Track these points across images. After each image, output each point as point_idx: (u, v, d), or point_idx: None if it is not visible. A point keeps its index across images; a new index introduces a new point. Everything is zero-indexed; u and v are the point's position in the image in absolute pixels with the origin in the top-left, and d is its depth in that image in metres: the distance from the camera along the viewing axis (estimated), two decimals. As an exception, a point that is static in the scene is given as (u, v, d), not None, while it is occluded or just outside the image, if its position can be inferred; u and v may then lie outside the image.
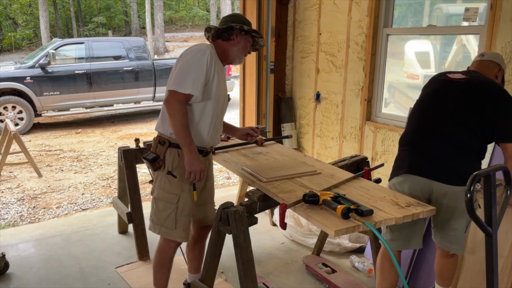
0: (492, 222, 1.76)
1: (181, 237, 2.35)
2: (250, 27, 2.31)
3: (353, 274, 3.09)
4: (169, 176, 2.26)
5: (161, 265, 2.44)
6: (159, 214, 2.32)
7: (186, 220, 2.34)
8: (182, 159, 2.23)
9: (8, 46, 22.61)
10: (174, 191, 2.28)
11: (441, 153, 2.19)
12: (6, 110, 8.08)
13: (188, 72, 2.13)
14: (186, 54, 2.20)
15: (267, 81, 4.39)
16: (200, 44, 2.24)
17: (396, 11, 3.60)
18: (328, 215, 1.83)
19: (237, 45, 2.30)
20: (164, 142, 2.25)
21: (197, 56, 2.15)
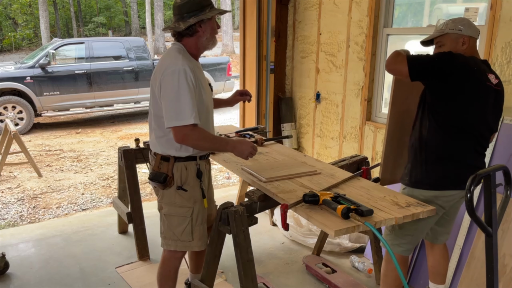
0: (492, 222, 1.76)
1: (199, 246, 2.31)
2: (209, 9, 2.09)
3: (353, 274, 3.09)
4: (179, 191, 2.20)
5: (166, 277, 2.38)
6: (174, 229, 2.25)
7: (201, 228, 2.30)
8: (190, 172, 2.20)
9: (8, 46, 22.62)
10: (186, 205, 2.23)
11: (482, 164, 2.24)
12: (6, 110, 8.08)
13: (180, 102, 2.00)
14: (165, 79, 2.02)
15: (267, 81, 4.39)
16: (173, 58, 2.07)
17: (396, 11, 3.60)
18: (328, 215, 1.83)
19: (205, 35, 2.14)
20: (168, 158, 2.18)
21: (181, 80, 2.00)
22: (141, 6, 26.55)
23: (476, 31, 2.21)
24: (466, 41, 2.16)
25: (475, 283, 2.53)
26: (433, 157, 2.15)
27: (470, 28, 2.17)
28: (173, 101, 2.01)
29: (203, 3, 2.10)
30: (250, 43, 4.41)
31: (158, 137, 2.19)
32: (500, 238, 2.43)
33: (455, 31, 2.16)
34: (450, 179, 2.16)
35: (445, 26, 2.20)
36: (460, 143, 2.12)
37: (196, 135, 2.05)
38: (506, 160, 2.54)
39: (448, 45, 2.19)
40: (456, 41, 2.17)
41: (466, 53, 2.15)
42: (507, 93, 2.68)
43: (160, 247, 2.41)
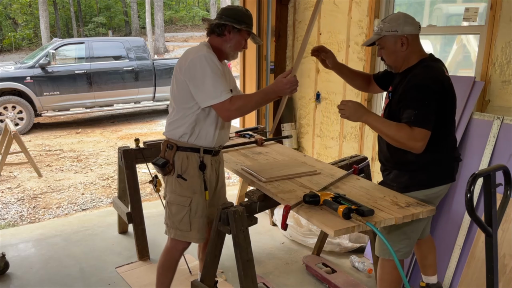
0: (492, 222, 1.76)
1: (197, 238, 2.35)
2: (244, 25, 2.23)
3: (353, 274, 3.09)
4: (179, 179, 2.27)
5: (166, 267, 2.43)
6: (173, 217, 2.32)
7: (200, 221, 2.34)
8: (191, 162, 2.26)
9: (8, 46, 22.62)
10: (185, 194, 2.28)
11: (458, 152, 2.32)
12: (6, 110, 8.08)
13: (212, 81, 2.10)
14: (193, 65, 2.12)
15: (267, 81, 4.39)
16: (198, 48, 2.20)
17: (396, 11, 3.60)
18: (328, 215, 1.83)
19: (230, 42, 2.25)
20: (172, 146, 2.26)
21: (208, 62, 2.11)
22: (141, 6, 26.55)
23: (416, 26, 2.13)
24: (405, 41, 2.11)
25: (475, 283, 2.53)
26: (419, 163, 2.15)
27: (407, 25, 2.10)
28: (205, 82, 2.10)
29: (244, 19, 2.24)
30: (250, 43, 4.40)
31: (172, 119, 2.28)
32: (500, 238, 2.44)
33: (391, 32, 2.11)
34: (437, 177, 2.20)
35: (381, 28, 2.15)
36: (443, 144, 2.16)
37: (237, 104, 2.13)
38: (506, 160, 2.54)
39: (388, 47, 2.15)
40: (394, 43, 2.13)
41: (410, 54, 2.12)
42: (507, 93, 2.69)
43: (160, 247, 2.42)
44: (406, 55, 2.15)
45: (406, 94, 2.06)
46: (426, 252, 2.54)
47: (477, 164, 2.68)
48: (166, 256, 2.42)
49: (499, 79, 2.72)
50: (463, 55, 3.84)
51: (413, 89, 2.04)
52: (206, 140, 2.27)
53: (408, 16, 2.15)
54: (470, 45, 3.72)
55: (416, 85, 2.04)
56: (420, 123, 1.98)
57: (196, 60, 2.12)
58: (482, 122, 2.71)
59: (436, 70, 2.11)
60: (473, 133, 2.75)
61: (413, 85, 2.04)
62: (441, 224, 2.82)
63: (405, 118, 2.02)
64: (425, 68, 2.10)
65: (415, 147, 2.01)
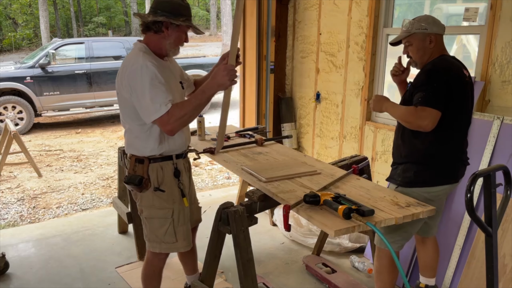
0: (492, 222, 1.76)
1: (184, 246, 2.30)
2: (182, 19, 2.07)
3: (353, 274, 3.09)
4: (157, 192, 2.16)
5: (150, 277, 2.36)
6: (156, 232, 2.22)
7: (184, 228, 2.28)
8: (166, 171, 2.18)
9: (8, 46, 22.62)
10: (166, 206, 2.19)
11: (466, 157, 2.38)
12: (6, 110, 8.08)
13: (146, 97, 1.97)
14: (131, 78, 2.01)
15: (267, 81, 4.39)
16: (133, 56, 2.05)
17: (396, 11, 3.60)
18: (328, 215, 1.83)
19: (169, 39, 2.10)
20: (142, 160, 2.13)
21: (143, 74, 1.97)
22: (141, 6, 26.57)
23: (442, 28, 2.28)
24: (433, 39, 2.24)
25: (475, 283, 2.53)
26: (426, 158, 2.24)
27: (435, 26, 2.24)
28: (144, 96, 1.98)
29: (181, 11, 2.08)
30: (250, 43, 4.41)
31: (133, 138, 2.16)
32: (500, 238, 2.44)
33: (421, 30, 2.23)
34: (442, 175, 2.26)
35: (411, 26, 2.26)
36: (451, 143, 2.23)
37: (176, 114, 1.98)
38: (506, 160, 2.54)
39: (416, 44, 2.26)
40: (423, 40, 2.25)
41: (435, 51, 2.25)
42: (507, 93, 2.69)
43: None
44: (432, 52, 2.26)
45: (417, 80, 2.20)
46: (430, 254, 2.54)
47: (477, 164, 2.68)
48: (150, 267, 2.34)
49: (499, 79, 2.72)
50: (463, 55, 3.83)
51: (424, 74, 2.18)
52: (176, 144, 2.20)
53: (435, 18, 2.29)
54: (470, 45, 3.71)
55: (427, 70, 2.18)
56: (426, 103, 2.08)
57: (132, 74, 2.00)
58: (482, 122, 2.71)
59: (451, 63, 2.23)
60: (473, 133, 2.75)
61: (425, 70, 2.18)
62: (441, 224, 2.82)
63: (415, 100, 2.14)
64: (441, 60, 2.23)
65: (422, 124, 2.09)
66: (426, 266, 2.57)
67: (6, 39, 22.85)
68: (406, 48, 2.31)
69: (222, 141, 2.44)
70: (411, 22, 2.26)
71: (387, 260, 2.35)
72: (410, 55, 2.32)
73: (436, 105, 2.08)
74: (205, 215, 3.98)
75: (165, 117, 1.97)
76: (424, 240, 2.53)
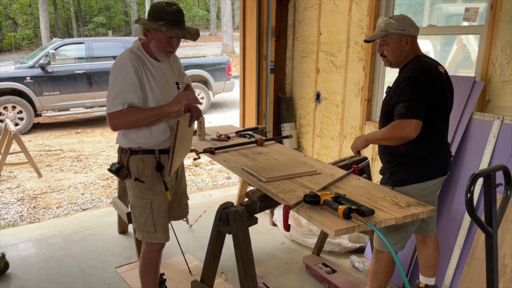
0: (492, 222, 1.76)
1: (163, 238, 2.36)
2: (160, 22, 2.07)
3: (353, 274, 3.09)
4: (137, 182, 2.26)
5: (147, 270, 2.42)
6: (137, 220, 2.33)
7: (164, 221, 2.36)
8: (147, 164, 2.26)
9: (8, 46, 22.61)
10: (145, 196, 2.28)
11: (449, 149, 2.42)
12: (6, 110, 8.08)
13: (115, 89, 2.10)
14: (112, 71, 2.16)
15: (267, 81, 4.39)
16: (123, 54, 2.19)
17: (396, 11, 3.60)
18: (328, 215, 1.83)
19: (152, 41, 2.17)
20: (126, 151, 2.26)
21: (120, 71, 2.11)
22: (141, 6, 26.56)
23: (417, 30, 2.30)
24: (409, 41, 2.26)
25: (475, 283, 2.53)
26: (413, 156, 2.27)
27: (412, 27, 2.26)
28: (110, 90, 2.12)
29: (160, 16, 2.10)
30: (250, 43, 4.41)
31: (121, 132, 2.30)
32: (500, 238, 2.44)
33: (399, 31, 2.24)
34: (431, 170, 2.29)
35: (388, 25, 2.26)
36: (435, 139, 2.26)
37: (125, 116, 2.10)
38: (506, 160, 2.54)
39: (392, 44, 2.27)
40: (400, 41, 2.26)
41: (410, 53, 2.26)
42: (507, 93, 2.69)
43: (159, 247, 2.40)
44: (407, 53, 2.28)
45: (398, 88, 2.19)
46: (430, 253, 2.55)
47: (477, 164, 2.68)
48: (145, 259, 2.42)
49: (499, 79, 2.72)
50: (463, 55, 3.84)
51: (404, 83, 2.18)
52: (157, 141, 2.26)
53: (412, 20, 2.30)
54: (470, 45, 3.72)
55: (406, 78, 2.18)
56: (409, 114, 2.10)
57: (114, 67, 2.15)
58: (482, 122, 2.71)
59: (428, 65, 2.24)
60: (473, 133, 2.75)
61: (404, 78, 2.18)
62: (441, 224, 2.82)
63: (397, 112, 2.14)
64: (416, 63, 2.24)
65: (408, 136, 2.11)
66: (426, 265, 2.58)
67: (6, 39, 22.84)
68: (381, 47, 2.32)
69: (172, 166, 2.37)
70: (388, 22, 2.26)
71: (386, 261, 2.36)
72: (384, 54, 2.32)
73: (418, 115, 2.10)
74: (205, 215, 4.00)
75: (115, 113, 2.11)
76: (425, 239, 2.54)
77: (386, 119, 2.29)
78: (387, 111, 2.29)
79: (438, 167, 2.33)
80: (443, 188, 2.80)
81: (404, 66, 2.29)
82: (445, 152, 2.36)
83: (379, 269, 2.39)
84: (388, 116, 2.26)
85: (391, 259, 2.35)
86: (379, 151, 2.47)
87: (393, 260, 2.37)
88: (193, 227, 3.86)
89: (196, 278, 2.51)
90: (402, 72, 2.25)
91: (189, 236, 3.72)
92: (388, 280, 2.43)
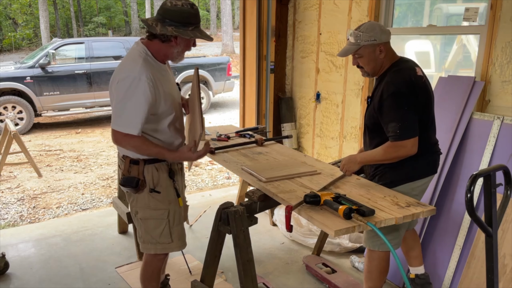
0: (492, 222, 1.76)
1: (179, 246, 2.29)
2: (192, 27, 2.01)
3: (353, 274, 3.09)
4: (152, 193, 2.15)
5: (149, 278, 2.34)
6: (152, 233, 2.21)
7: (179, 228, 2.28)
8: (161, 172, 2.18)
9: (8, 46, 22.61)
10: (162, 207, 2.18)
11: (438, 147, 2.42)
12: (6, 110, 8.08)
13: (124, 108, 1.98)
14: (121, 82, 1.98)
15: (267, 81, 4.39)
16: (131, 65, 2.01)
17: (396, 11, 3.60)
18: (329, 215, 1.83)
19: (177, 48, 2.07)
20: (137, 161, 2.12)
21: (132, 87, 1.95)
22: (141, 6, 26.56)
23: (389, 34, 2.26)
24: (383, 49, 2.23)
25: (475, 283, 2.53)
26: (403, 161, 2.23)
27: (383, 34, 2.22)
28: (121, 106, 1.99)
29: (191, 20, 2.01)
30: (250, 43, 4.41)
31: None
32: (500, 238, 2.44)
33: (370, 41, 2.21)
34: (421, 169, 2.31)
35: (359, 38, 2.22)
36: (424, 139, 2.24)
37: (133, 144, 2.04)
38: (506, 160, 2.54)
39: (366, 56, 2.25)
40: (373, 51, 2.23)
41: (386, 60, 2.24)
42: (507, 93, 2.69)
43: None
44: (383, 62, 2.26)
45: (384, 105, 2.16)
46: (412, 244, 2.61)
47: (477, 164, 2.68)
48: (148, 268, 2.33)
49: (499, 79, 2.72)
50: (463, 55, 3.84)
51: (390, 99, 2.14)
52: (172, 147, 2.20)
53: (381, 25, 2.28)
54: (470, 45, 3.72)
55: (391, 94, 2.14)
56: (406, 135, 2.11)
57: (126, 82, 1.97)
58: (482, 122, 2.71)
59: (407, 72, 2.20)
60: (473, 133, 2.75)
61: (389, 95, 2.14)
62: (441, 224, 2.82)
63: (391, 133, 2.13)
64: (396, 73, 2.20)
65: (410, 154, 2.14)
66: (411, 256, 2.64)
67: (6, 39, 22.84)
68: (356, 59, 2.29)
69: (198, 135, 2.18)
70: (358, 34, 2.22)
71: (378, 261, 2.38)
72: (361, 65, 2.30)
73: (415, 132, 2.12)
74: (205, 215, 3.99)
75: (128, 137, 2.02)
76: (405, 233, 2.58)
77: (374, 133, 2.30)
78: (373, 123, 2.28)
79: (428, 166, 2.34)
80: (443, 188, 2.80)
81: (382, 76, 2.25)
82: (435, 150, 2.36)
83: (372, 268, 2.41)
84: (376, 129, 2.26)
85: (383, 258, 2.37)
86: None
87: (386, 259, 2.39)
88: (193, 227, 3.86)
89: (196, 278, 2.51)
90: (382, 84, 2.20)
91: (189, 236, 3.68)
92: (383, 279, 2.44)
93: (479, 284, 2.51)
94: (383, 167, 2.32)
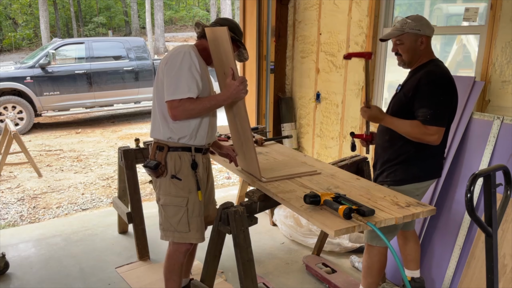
0: (492, 222, 1.76)
1: (196, 238, 2.33)
2: (236, 35, 2.23)
3: (353, 274, 3.09)
4: (173, 180, 2.24)
5: (171, 271, 2.40)
6: (170, 220, 2.29)
7: (198, 220, 2.32)
8: (184, 161, 2.25)
9: (8, 46, 22.61)
10: (181, 194, 2.26)
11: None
12: (6, 110, 8.08)
13: (180, 77, 2.10)
14: (171, 59, 2.14)
15: (267, 81, 4.39)
16: (181, 46, 2.20)
17: (396, 11, 3.60)
18: (329, 215, 1.83)
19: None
20: (163, 147, 2.23)
21: (184, 59, 2.11)
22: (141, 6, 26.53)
23: (432, 30, 2.31)
24: (424, 41, 2.27)
25: (475, 283, 2.53)
26: (418, 155, 2.30)
27: (428, 28, 2.27)
28: (174, 77, 2.11)
29: (236, 30, 2.27)
30: (250, 43, 4.41)
31: (156, 120, 2.27)
32: (500, 238, 2.44)
33: (414, 30, 2.25)
34: (430, 171, 2.34)
35: (404, 25, 2.27)
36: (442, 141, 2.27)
37: (187, 112, 2.12)
38: (506, 160, 2.54)
39: (407, 44, 2.28)
40: (415, 40, 2.27)
41: (424, 54, 2.28)
42: (507, 93, 2.69)
43: (160, 247, 2.40)
44: (421, 54, 2.29)
45: (421, 90, 2.19)
46: (412, 246, 2.62)
47: (477, 164, 2.68)
48: (170, 261, 2.39)
49: (499, 79, 2.72)
50: (463, 55, 3.84)
51: (428, 86, 2.18)
52: (199, 139, 2.27)
53: (428, 20, 2.31)
54: (470, 45, 3.72)
55: (431, 81, 2.18)
56: (435, 122, 2.14)
57: (178, 55, 2.13)
58: (482, 122, 2.71)
59: (448, 71, 2.27)
60: (473, 133, 2.75)
61: (429, 81, 2.18)
62: (441, 224, 2.82)
63: (421, 116, 2.17)
64: (437, 66, 2.26)
65: (430, 140, 2.18)
66: (409, 259, 2.63)
67: (6, 39, 22.83)
68: (396, 46, 2.33)
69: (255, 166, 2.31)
70: (404, 21, 2.27)
71: (378, 257, 2.41)
72: (399, 52, 2.33)
73: (443, 122, 2.16)
74: (205, 215, 4.00)
75: (177, 102, 2.09)
76: (406, 234, 2.60)
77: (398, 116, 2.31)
78: (400, 108, 2.29)
79: (436, 168, 2.38)
80: (443, 188, 2.80)
81: (419, 68, 2.28)
82: (443, 154, 2.40)
83: (372, 264, 2.44)
84: (401, 113, 2.27)
85: (383, 253, 2.41)
86: (380, 148, 2.47)
87: (385, 254, 2.43)
88: (193, 227, 3.86)
89: (196, 278, 2.52)
90: (421, 73, 2.23)
91: (189, 236, 3.71)
92: (381, 274, 2.49)
93: (479, 284, 2.51)
94: (393, 164, 2.34)
